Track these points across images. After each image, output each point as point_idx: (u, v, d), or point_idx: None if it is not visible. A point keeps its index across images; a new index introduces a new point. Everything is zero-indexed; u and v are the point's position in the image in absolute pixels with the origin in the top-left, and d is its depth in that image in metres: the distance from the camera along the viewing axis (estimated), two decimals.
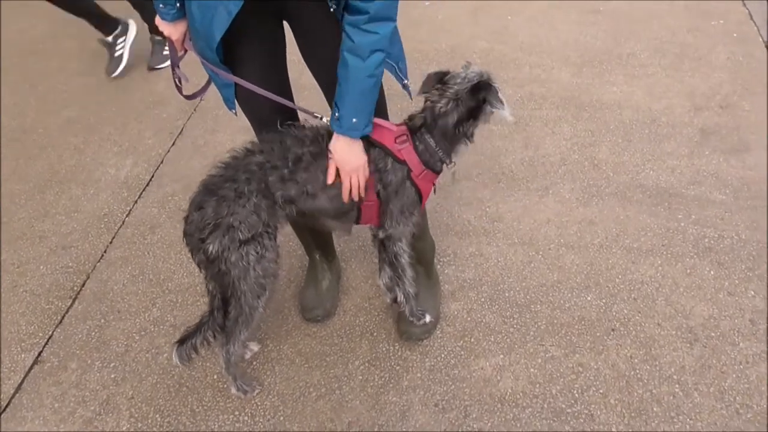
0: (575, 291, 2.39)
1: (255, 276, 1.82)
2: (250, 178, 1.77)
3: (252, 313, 1.89)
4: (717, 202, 2.69)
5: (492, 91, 1.81)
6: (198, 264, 1.86)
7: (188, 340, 1.94)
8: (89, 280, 2.60)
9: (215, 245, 1.75)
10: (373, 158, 1.86)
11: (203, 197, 1.79)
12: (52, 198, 3.06)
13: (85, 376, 2.24)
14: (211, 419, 2.07)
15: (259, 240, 1.79)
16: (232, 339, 1.94)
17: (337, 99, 1.74)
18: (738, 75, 3.46)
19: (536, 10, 4.29)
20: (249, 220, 1.76)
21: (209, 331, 1.94)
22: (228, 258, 1.77)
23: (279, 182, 1.79)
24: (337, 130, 1.77)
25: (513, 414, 2.02)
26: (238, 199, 1.75)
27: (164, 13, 1.85)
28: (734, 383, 2.04)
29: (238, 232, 1.75)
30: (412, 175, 1.90)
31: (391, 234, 2.00)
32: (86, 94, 3.84)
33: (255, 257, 1.79)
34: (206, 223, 1.75)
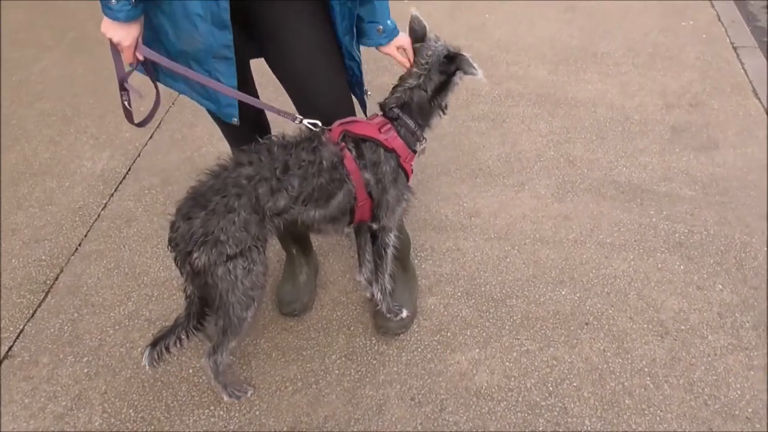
0: (550, 285, 2.43)
1: (243, 289, 1.79)
2: (240, 192, 1.72)
3: (240, 324, 1.87)
4: (687, 198, 2.75)
5: (464, 59, 1.87)
6: (183, 273, 1.82)
7: (161, 341, 1.91)
8: (63, 274, 2.57)
9: (202, 259, 1.71)
10: (365, 153, 1.87)
11: (191, 208, 1.74)
12: (26, 191, 3.01)
13: (57, 371, 2.21)
14: (185, 414, 2.06)
15: (248, 254, 1.76)
16: (221, 349, 1.92)
17: (371, 17, 1.87)
18: (707, 74, 3.53)
19: (513, 8, 4.33)
20: (237, 235, 1.72)
21: (183, 332, 1.91)
22: (215, 272, 1.73)
23: (268, 194, 1.75)
24: (385, 40, 1.92)
25: (488, 407, 2.04)
26: (228, 214, 1.71)
27: (116, 10, 1.57)
28: (703, 375, 2.08)
29: (226, 247, 1.71)
30: (401, 161, 1.94)
31: (385, 225, 2.03)
32: (63, 85, 3.78)
33: (243, 271, 1.76)
34: (193, 235, 1.71)
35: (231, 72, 1.75)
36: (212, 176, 1.77)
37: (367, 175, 1.89)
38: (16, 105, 3.63)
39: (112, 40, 1.63)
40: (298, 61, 1.85)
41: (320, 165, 1.79)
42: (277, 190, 1.76)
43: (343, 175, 1.84)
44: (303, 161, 1.78)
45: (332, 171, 1.82)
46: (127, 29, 1.62)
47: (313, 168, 1.79)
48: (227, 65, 1.74)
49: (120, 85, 1.75)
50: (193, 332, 1.93)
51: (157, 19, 1.70)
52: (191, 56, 1.73)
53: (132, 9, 1.58)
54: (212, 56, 1.71)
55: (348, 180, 1.85)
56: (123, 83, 1.75)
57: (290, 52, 1.84)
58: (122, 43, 1.63)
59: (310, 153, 1.80)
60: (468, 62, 1.86)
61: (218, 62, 1.72)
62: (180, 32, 1.68)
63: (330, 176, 1.82)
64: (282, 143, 1.81)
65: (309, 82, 1.89)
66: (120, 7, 1.56)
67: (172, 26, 1.69)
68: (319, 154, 1.80)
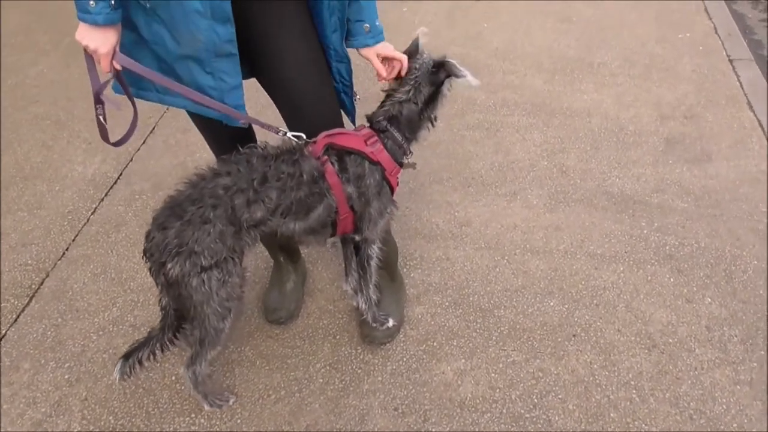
0: (539, 296, 2.41)
1: (219, 300, 1.77)
2: (217, 203, 1.70)
3: (217, 335, 1.85)
4: (679, 210, 2.73)
5: (451, 65, 1.87)
6: (158, 284, 1.80)
7: (134, 354, 1.89)
8: (48, 278, 2.56)
9: (176, 269, 1.69)
10: (349, 166, 1.85)
11: (167, 218, 1.71)
12: (15, 194, 3.01)
13: (38, 377, 2.20)
14: (166, 422, 2.04)
15: (223, 266, 1.73)
16: (199, 360, 1.90)
17: (358, 15, 1.84)
18: (703, 86, 3.52)
19: (511, 18, 4.34)
20: (213, 246, 1.70)
21: (157, 345, 1.89)
22: (189, 283, 1.71)
23: (245, 205, 1.73)
24: (372, 41, 1.88)
25: (472, 419, 2.02)
26: (203, 225, 1.68)
27: (94, 13, 1.51)
28: (689, 389, 2.06)
29: (201, 258, 1.69)
30: (386, 174, 1.92)
31: (367, 237, 2.01)
32: (57, 89, 3.79)
33: (217, 282, 1.74)
34: (168, 246, 1.68)
35: (236, 70, 1.72)
36: (190, 186, 1.75)
37: (350, 188, 1.87)
38: (11, 108, 3.63)
39: (89, 47, 1.56)
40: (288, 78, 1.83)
41: (300, 178, 1.78)
42: (254, 202, 1.73)
43: (324, 189, 1.82)
44: (282, 173, 1.76)
45: (312, 184, 1.80)
46: (104, 35, 1.56)
47: (293, 181, 1.77)
48: (231, 63, 1.70)
49: (95, 97, 1.67)
50: (168, 345, 1.90)
51: (151, 29, 1.65)
52: (192, 59, 1.68)
53: (111, 12, 1.53)
54: (215, 54, 1.66)
55: (328, 194, 1.83)
56: (98, 95, 1.67)
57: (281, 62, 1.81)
58: (99, 51, 1.56)
59: (290, 165, 1.77)
60: (456, 66, 1.86)
61: (222, 61, 1.68)
62: (179, 34, 1.64)
63: (310, 189, 1.80)
64: (262, 154, 1.78)
65: (298, 96, 1.87)
66: (99, 9, 1.51)
67: (170, 30, 1.64)
68: (300, 166, 1.78)
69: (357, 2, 1.81)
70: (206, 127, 1.99)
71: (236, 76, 1.72)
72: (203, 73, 1.69)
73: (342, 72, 1.93)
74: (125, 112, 1.76)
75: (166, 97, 1.78)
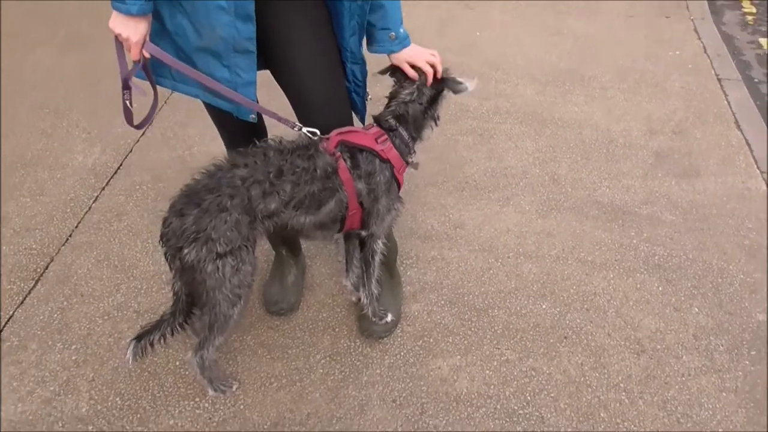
0: (531, 299, 2.49)
1: (231, 287, 1.82)
2: (234, 193, 1.76)
3: (227, 321, 1.90)
4: (667, 222, 2.84)
5: (450, 82, 2.02)
6: (172, 269, 1.85)
7: (145, 336, 1.93)
8: (53, 263, 2.59)
9: (192, 254, 1.74)
10: (360, 163, 1.92)
11: (185, 205, 1.77)
12: (17, 180, 3.02)
13: (45, 357, 2.23)
14: (171, 404, 2.09)
15: (237, 253, 1.79)
16: (207, 345, 1.95)
17: (383, 23, 1.90)
18: (691, 103, 3.64)
19: (504, 29, 4.45)
20: (228, 234, 1.75)
21: (168, 329, 1.94)
22: (204, 268, 1.76)
23: (260, 197, 1.79)
24: (398, 47, 1.95)
25: (467, 413, 2.10)
26: (220, 213, 1.74)
27: (129, 4, 1.58)
28: (676, 394, 2.15)
29: (216, 245, 1.74)
30: (394, 171, 2.00)
31: (374, 232, 2.08)
32: (58, 79, 3.80)
33: (231, 269, 1.80)
34: (185, 231, 1.74)
35: (251, 66, 1.79)
36: (207, 175, 1.81)
37: (360, 185, 1.94)
38: (12, 96, 3.64)
39: (121, 35, 1.64)
40: (300, 71, 1.89)
41: (314, 173, 1.84)
42: (269, 194, 1.80)
43: (336, 185, 1.89)
44: (297, 168, 1.82)
45: (325, 180, 1.86)
46: (136, 24, 1.63)
47: (307, 175, 1.83)
48: (248, 59, 1.77)
49: (123, 83, 1.75)
50: (178, 329, 1.96)
51: (175, 20, 1.73)
52: (211, 52, 1.75)
53: (145, 3, 1.61)
54: (234, 50, 1.73)
55: (340, 189, 1.90)
56: (127, 81, 1.75)
57: (292, 60, 1.88)
58: (131, 39, 1.63)
59: (306, 160, 1.84)
60: (454, 81, 2.01)
61: (239, 56, 1.75)
62: (201, 27, 1.71)
63: (323, 184, 1.86)
64: (278, 148, 1.85)
65: (309, 91, 1.94)
66: (134, 0, 1.58)
67: (193, 22, 1.71)
68: (314, 162, 1.84)
69: (382, 9, 1.87)
70: (220, 120, 2.05)
71: (251, 73, 1.79)
72: (220, 66, 1.77)
73: (356, 73, 2.00)
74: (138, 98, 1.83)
75: (181, 85, 1.86)
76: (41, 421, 2.04)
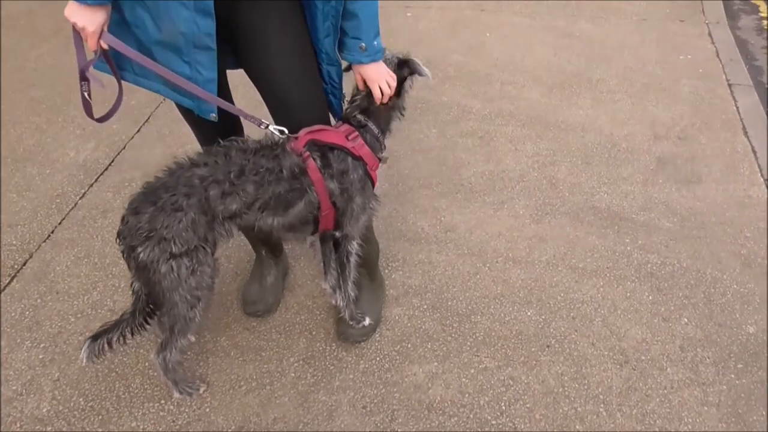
0: (516, 305, 2.42)
1: (188, 288, 1.78)
2: (190, 192, 1.72)
3: (187, 323, 1.86)
4: (664, 230, 2.74)
5: (413, 62, 1.96)
6: (130, 268, 1.81)
7: (103, 336, 1.90)
8: (31, 260, 2.58)
9: (145, 254, 1.71)
10: (332, 162, 1.87)
11: (141, 203, 1.74)
12: (5, 176, 3.03)
13: (12, 355, 2.21)
14: (135, 407, 2.06)
15: (193, 254, 1.75)
16: (169, 346, 1.91)
17: (355, 32, 1.82)
18: (699, 109, 3.52)
19: (513, 31, 4.36)
20: (183, 234, 1.71)
21: (128, 328, 1.91)
22: (158, 269, 1.73)
23: (219, 197, 1.75)
24: (366, 59, 1.85)
25: (438, 422, 2.03)
26: (175, 213, 1.70)
27: None
28: (656, 407, 2.06)
29: (171, 245, 1.70)
30: (368, 169, 1.95)
31: (348, 233, 2.03)
32: (56, 75, 3.82)
33: (187, 271, 1.75)
34: (139, 230, 1.70)
35: (212, 64, 1.74)
36: (168, 173, 1.77)
37: (332, 184, 1.88)
38: (8, 91, 3.67)
39: (77, 25, 1.61)
40: (273, 68, 1.84)
41: (279, 173, 1.79)
42: (229, 194, 1.75)
43: (305, 185, 1.84)
44: (261, 168, 1.77)
45: (292, 180, 1.81)
46: (92, 14, 1.60)
47: (271, 176, 1.78)
48: (209, 56, 1.72)
49: (81, 74, 1.72)
50: (138, 329, 1.92)
51: (134, 12, 1.69)
52: (171, 47, 1.71)
53: None
54: (194, 46, 1.69)
55: (309, 190, 1.85)
56: (84, 72, 1.72)
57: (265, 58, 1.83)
58: (87, 29, 1.61)
59: (270, 160, 1.79)
60: (418, 64, 1.95)
61: (200, 52, 1.71)
62: (161, 21, 1.66)
63: (290, 185, 1.81)
64: (241, 147, 1.80)
65: (282, 89, 1.89)
66: None
67: (153, 15, 1.67)
68: (279, 162, 1.79)
69: (355, 18, 1.79)
70: (191, 118, 2.01)
71: (212, 71, 1.74)
72: (181, 62, 1.72)
73: (332, 75, 1.95)
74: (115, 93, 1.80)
75: (142, 79, 1.82)
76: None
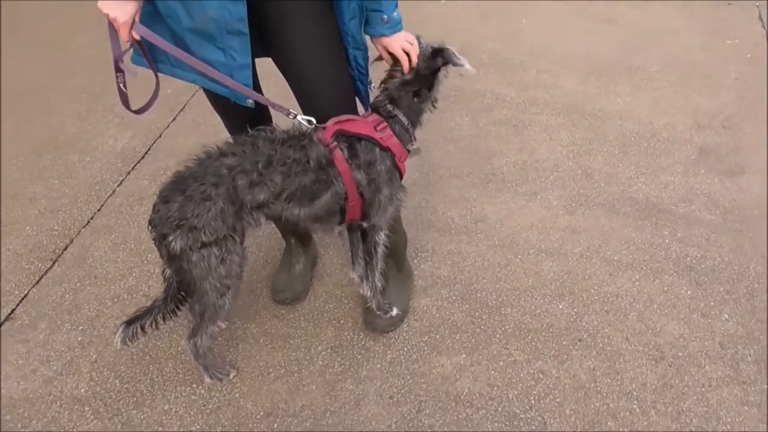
0: (548, 298, 2.38)
1: (218, 276, 1.80)
2: (218, 182, 1.73)
3: (217, 311, 1.88)
4: (705, 222, 2.66)
5: (448, 51, 1.90)
6: (162, 255, 1.84)
7: (136, 321, 1.93)
8: (72, 245, 2.65)
9: (177, 243, 1.73)
10: (359, 153, 1.86)
11: (171, 192, 1.76)
12: (48, 162, 3.11)
13: (53, 337, 2.28)
14: (168, 390, 2.10)
15: (223, 243, 1.76)
16: (199, 333, 1.94)
17: (377, 5, 1.83)
18: (744, 96, 3.40)
19: (550, 16, 4.28)
20: (213, 224, 1.73)
21: (159, 315, 1.94)
22: (189, 257, 1.75)
23: (247, 187, 1.75)
24: (389, 32, 1.88)
25: (466, 414, 2.02)
26: (204, 202, 1.71)
27: None
28: (693, 405, 2.01)
29: (201, 234, 1.72)
30: (396, 160, 1.93)
31: (375, 223, 2.02)
32: (97, 64, 3.88)
33: (216, 260, 1.77)
34: (170, 218, 1.72)
35: (245, 49, 1.74)
36: (197, 163, 1.79)
37: (359, 175, 1.88)
38: (51, 79, 3.76)
39: (109, 15, 1.63)
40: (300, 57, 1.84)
41: (306, 164, 1.79)
42: (257, 184, 1.76)
43: (331, 176, 1.84)
44: (288, 158, 1.77)
45: (319, 171, 1.81)
46: (123, 4, 1.62)
47: (298, 166, 1.78)
48: (242, 41, 1.72)
49: (115, 65, 1.75)
50: (170, 315, 1.96)
51: (165, 2, 1.70)
52: (204, 34, 1.72)
53: None
54: (227, 32, 1.70)
55: (336, 181, 1.84)
56: (118, 63, 1.75)
57: (292, 47, 1.83)
58: (118, 20, 1.62)
59: (297, 151, 1.79)
60: (452, 54, 1.90)
61: (233, 38, 1.71)
62: (192, 9, 1.67)
63: (316, 176, 1.81)
64: (269, 138, 1.80)
65: (309, 78, 1.88)
66: None
67: (184, 4, 1.68)
68: (306, 152, 1.79)
69: None
70: (220, 107, 2.02)
71: (246, 56, 1.74)
72: (215, 49, 1.73)
73: (358, 59, 1.94)
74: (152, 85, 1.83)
75: (178, 70, 1.83)
76: (40, 400, 2.08)
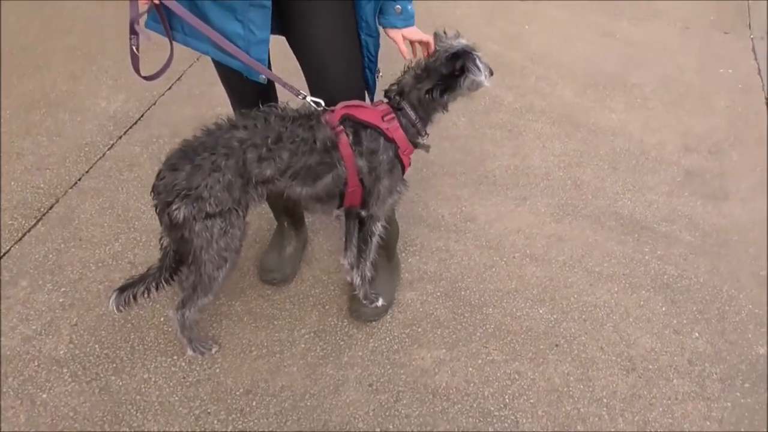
0: (529, 302, 2.43)
1: (217, 249, 1.81)
2: (229, 153, 1.73)
3: (211, 283, 1.89)
4: (684, 243, 2.73)
5: (470, 57, 1.86)
6: (162, 223, 1.84)
7: (129, 288, 1.93)
8: (57, 204, 2.62)
9: (181, 212, 1.73)
10: (363, 140, 1.87)
11: (179, 160, 1.75)
12: (38, 119, 3.07)
13: (33, 296, 2.26)
14: (148, 359, 2.10)
15: (227, 216, 1.77)
16: (189, 304, 1.95)
17: None
18: (734, 124, 3.48)
19: (553, 24, 4.31)
20: (219, 195, 1.73)
21: (153, 283, 1.94)
22: (192, 227, 1.75)
23: (256, 161, 1.76)
24: (401, 23, 1.89)
25: (442, 407, 2.06)
26: (213, 173, 1.72)
27: None
28: (659, 416, 2.08)
29: (206, 204, 1.73)
30: (399, 152, 1.94)
31: (373, 213, 2.03)
32: (92, 24, 3.84)
33: (219, 231, 1.78)
34: (176, 187, 1.72)
35: (266, 23, 1.74)
36: (206, 133, 1.79)
37: (361, 162, 1.89)
38: (45, 36, 3.69)
39: None
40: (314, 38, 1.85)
41: (313, 144, 1.80)
42: (266, 159, 1.77)
43: (335, 159, 1.85)
44: (297, 137, 1.79)
45: (324, 153, 1.82)
46: None
47: (306, 146, 1.80)
48: (263, 15, 1.72)
49: (131, 27, 1.74)
50: (163, 284, 1.96)
51: None
52: (225, 5, 1.71)
53: None
54: (249, 4, 1.69)
55: (339, 164, 1.86)
56: (133, 25, 1.74)
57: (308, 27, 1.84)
58: None
59: (306, 130, 1.80)
60: (473, 61, 1.87)
61: (254, 11, 1.71)
62: None
63: (321, 158, 1.83)
64: (280, 114, 1.81)
65: (321, 60, 1.90)
66: None
67: None
68: (314, 133, 1.81)
69: None
70: (229, 80, 2.02)
71: (265, 30, 1.74)
72: (234, 21, 1.72)
73: (369, 46, 1.94)
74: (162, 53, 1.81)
75: (192, 40, 1.82)
76: (18, 358, 2.07)
